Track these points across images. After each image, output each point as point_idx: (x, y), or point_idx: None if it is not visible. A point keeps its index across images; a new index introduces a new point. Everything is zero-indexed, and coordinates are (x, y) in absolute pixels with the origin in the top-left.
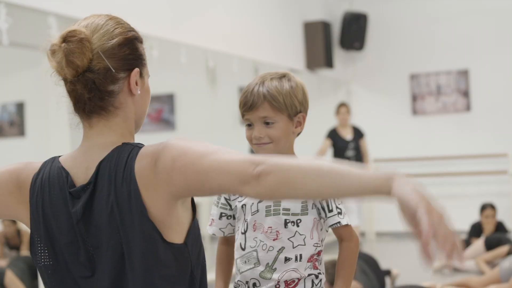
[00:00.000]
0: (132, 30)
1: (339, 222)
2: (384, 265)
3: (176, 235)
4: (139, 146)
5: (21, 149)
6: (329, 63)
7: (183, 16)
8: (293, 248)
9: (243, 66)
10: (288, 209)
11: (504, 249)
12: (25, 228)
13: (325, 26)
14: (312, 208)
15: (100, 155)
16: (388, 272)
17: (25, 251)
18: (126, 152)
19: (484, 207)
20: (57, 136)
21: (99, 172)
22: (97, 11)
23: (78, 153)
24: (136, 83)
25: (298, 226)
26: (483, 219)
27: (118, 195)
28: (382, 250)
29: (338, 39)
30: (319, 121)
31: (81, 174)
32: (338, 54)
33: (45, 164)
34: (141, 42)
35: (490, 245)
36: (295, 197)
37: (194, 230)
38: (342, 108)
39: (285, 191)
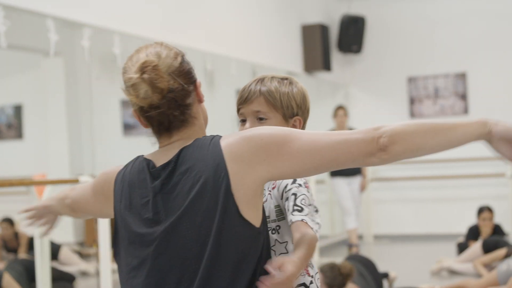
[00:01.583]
0: (178, 48)
1: (290, 220)
2: (382, 268)
3: (254, 217)
4: (219, 135)
5: (19, 152)
6: (327, 66)
7: (181, 19)
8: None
9: (241, 69)
10: (268, 217)
11: (501, 252)
12: (22, 230)
13: (323, 29)
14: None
15: (176, 148)
16: (386, 275)
17: (22, 254)
18: (209, 138)
19: (481, 210)
20: (55, 138)
21: (181, 154)
22: (95, 15)
23: (159, 151)
24: None
25: (278, 233)
26: (480, 222)
27: (200, 170)
28: (380, 253)
29: (336, 42)
30: (316, 123)
31: (163, 160)
32: (336, 57)
33: (129, 162)
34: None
35: (487, 248)
36: (415, 157)
37: (266, 221)
38: (340, 110)
39: (409, 155)
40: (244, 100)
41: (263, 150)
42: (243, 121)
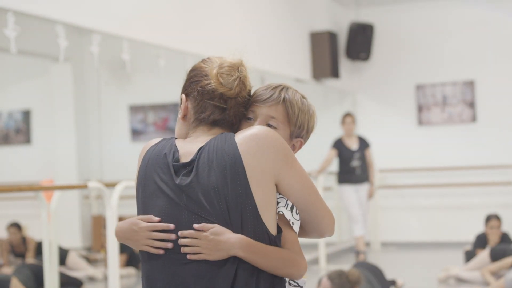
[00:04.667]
0: None
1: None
2: (389, 275)
3: (270, 222)
4: (232, 133)
5: (27, 157)
6: (335, 73)
7: (190, 25)
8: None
9: (249, 76)
10: None
11: (509, 260)
12: (30, 235)
13: (332, 36)
14: None
15: (202, 143)
16: (393, 282)
17: (30, 259)
18: (223, 136)
19: (489, 218)
20: (63, 144)
21: (200, 152)
22: (104, 21)
23: (189, 141)
24: None
25: None
26: (488, 230)
27: (219, 168)
28: (387, 260)
29: (344, 49)
30: (324, 131)
31: (187, 154)
32: (344, 64)
33: (163, 140)
34: None
35: (495, 256)
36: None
37: (281, 236)
38: (348, 118)
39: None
40: (262, 100)
41: (282, 151)
42: (249, 119)
